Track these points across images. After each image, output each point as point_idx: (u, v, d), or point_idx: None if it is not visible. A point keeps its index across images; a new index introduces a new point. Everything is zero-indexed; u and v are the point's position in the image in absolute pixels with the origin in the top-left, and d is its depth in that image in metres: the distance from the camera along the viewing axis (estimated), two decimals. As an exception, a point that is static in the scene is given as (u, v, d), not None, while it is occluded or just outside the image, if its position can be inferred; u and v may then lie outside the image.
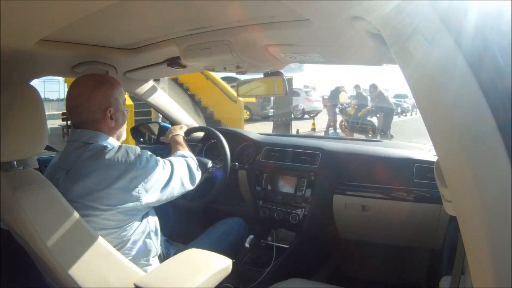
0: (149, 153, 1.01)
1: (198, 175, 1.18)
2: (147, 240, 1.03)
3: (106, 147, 0.96)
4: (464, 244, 0.48)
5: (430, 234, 1.39)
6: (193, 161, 1.20)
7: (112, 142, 1.02)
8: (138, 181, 0.94)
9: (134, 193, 0.93)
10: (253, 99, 11.48)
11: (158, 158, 1.04)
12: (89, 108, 0.97)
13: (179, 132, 1.45)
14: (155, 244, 1.06)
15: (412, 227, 1.43)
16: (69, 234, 0.83)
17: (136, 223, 0.99)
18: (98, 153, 0.93)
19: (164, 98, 1.74)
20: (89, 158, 0.93)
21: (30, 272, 1.05)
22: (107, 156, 0.92)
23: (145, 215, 1.04)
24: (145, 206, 0.99)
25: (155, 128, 1.88)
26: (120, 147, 0.96)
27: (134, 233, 0.99)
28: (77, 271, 0.82)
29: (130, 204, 0.94)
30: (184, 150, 1.28)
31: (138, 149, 0.98)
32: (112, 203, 0.91)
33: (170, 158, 1.13)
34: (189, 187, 1.14)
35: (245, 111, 12.49)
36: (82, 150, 0.95)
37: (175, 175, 1.06)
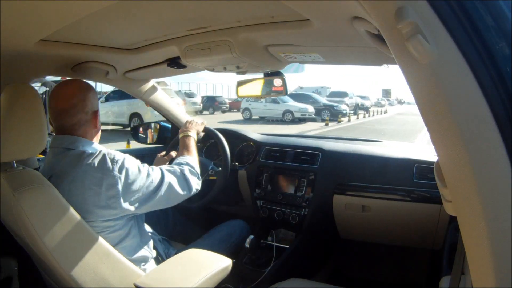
0: (132, 160, 0.97)
1: (195, 183, 1.11)
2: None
3: (84, 152, 0.93)
4: (464, 244, 0.48)
5: (430, 234, 1.39)
6: (190, 169, 1.13)
7: (96, 146, 0.99)
8: (117, 188, 0.90)
9: (111, 201, 0.90)
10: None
11: (145, 165, 0.99)
12: (83, 108, 0.96)
13: (191, 134, 1.36)
14: (148, 249, 1.04)
15: (412, 227, 1.43)
16: (69, 234, 0.83)
17: (124, 229, 0.96)
18: (76, 159, 0.92)
19: (164, 98, 1.74)
20: (68, 164, 0.91)
21: (30, 272, 1.05)
22: (84, 162, 0.90)
23: (133, 219, 1.01)
24: (126, 214, 0.94)
25: (155, 128, 1.89)
26: (99, 152, 0.93)
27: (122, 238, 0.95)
28: (77, 271, 0.82)
29: (108, 212, 0.90)
30: (188, 156, 1.22)
31: (118, 156, 0.94)
32: (90, 209, 0.89)
33: (163, 166, 1.07)
34: (181, 198, 1.06)
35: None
36: (62, 156, 0.93)
37: (164, 184, 1.00)
